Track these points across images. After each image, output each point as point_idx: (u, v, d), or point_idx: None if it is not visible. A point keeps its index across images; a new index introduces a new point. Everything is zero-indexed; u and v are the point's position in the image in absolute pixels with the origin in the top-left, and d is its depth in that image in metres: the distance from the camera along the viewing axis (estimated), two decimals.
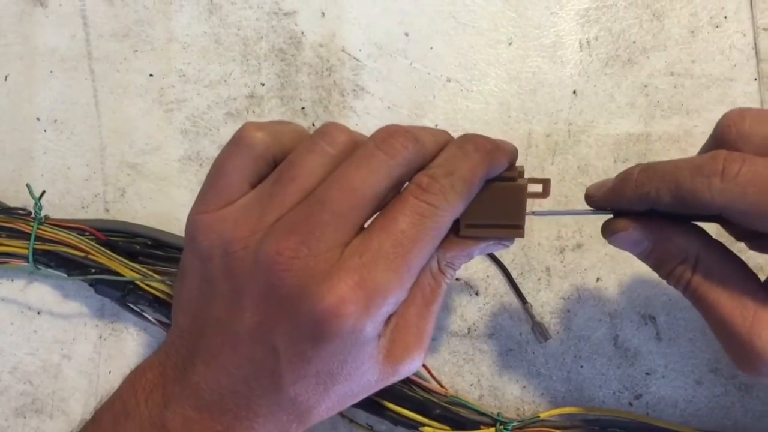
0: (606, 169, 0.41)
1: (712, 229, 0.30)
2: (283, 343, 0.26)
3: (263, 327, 0.27)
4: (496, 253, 0.40)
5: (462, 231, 0.30)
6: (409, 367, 0.29)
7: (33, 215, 0.40)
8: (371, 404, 0.37)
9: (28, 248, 0.39)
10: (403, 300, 0.28)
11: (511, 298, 0.40)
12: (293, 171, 0.28)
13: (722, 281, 0.29)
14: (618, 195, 0.30)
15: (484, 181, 0.29)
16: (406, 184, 0.29)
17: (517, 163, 0.31)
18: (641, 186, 0.29)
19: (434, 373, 0.39)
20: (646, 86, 0.41)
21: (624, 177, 0.30)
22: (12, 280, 0.42)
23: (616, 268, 0.40)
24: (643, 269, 0.31)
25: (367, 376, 0.28)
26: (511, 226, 0.30)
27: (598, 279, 0.40)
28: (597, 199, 0.32)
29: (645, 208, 0.29)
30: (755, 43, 0.41)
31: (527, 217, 0.30)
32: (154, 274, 0.39)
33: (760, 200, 0.26)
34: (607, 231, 0.31)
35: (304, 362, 0.27)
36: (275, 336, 0.26)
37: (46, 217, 0.40)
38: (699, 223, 0.30)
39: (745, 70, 0.41)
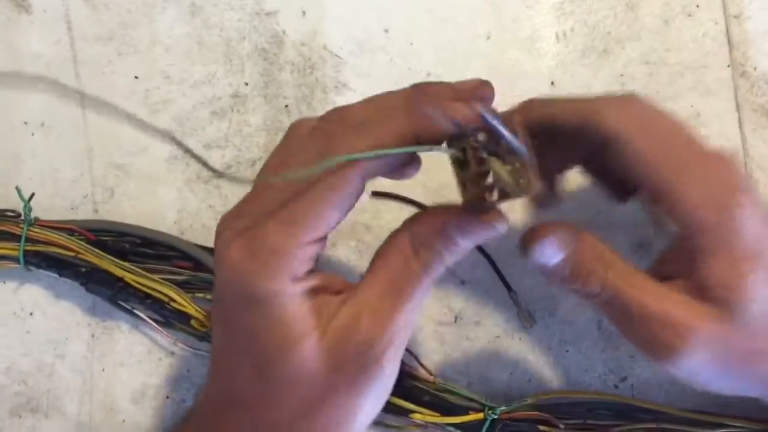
0: None
1: None
2: None
3: None
4: (484, 243, 0.41)
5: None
6: None
7: (23, 217, 0.40)
8: None
9: (18, 250, 0.39)
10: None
11: (496, 286, 0.40)
12: None
13: (626, 272, 0.30)
14: (520, 115, 0.30)
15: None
16: None
17: None
18: (546, 106, 0.31)
19: (422, 361, 0.40)
20: (622, 75, 0.42)
21: (528, 101, 0.32)
22: (4, 282, 0.43)
23: None
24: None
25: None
26: None
27: None
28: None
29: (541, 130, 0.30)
30: (727, 31, 0.42)
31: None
32: (143, 272, 0.39)
33: (648, 147, 0.29)
34: (531, 241, 0.31)
35: None
36: None
37: (36, 219, 0.41)
38: None
39: (718, 58, 0.42)
